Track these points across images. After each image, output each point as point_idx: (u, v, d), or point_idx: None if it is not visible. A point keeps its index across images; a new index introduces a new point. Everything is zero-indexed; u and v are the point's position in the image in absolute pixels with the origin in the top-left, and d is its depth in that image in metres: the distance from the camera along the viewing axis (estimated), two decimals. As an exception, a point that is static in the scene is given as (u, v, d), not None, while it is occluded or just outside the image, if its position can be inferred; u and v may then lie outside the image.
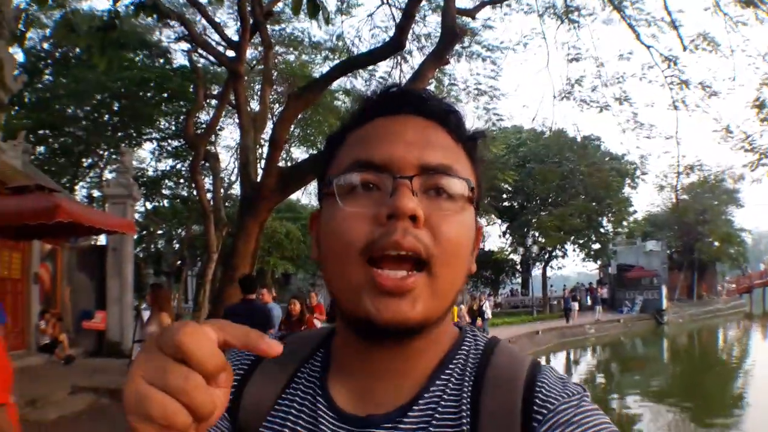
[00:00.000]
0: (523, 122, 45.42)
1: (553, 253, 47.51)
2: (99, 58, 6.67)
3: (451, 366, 0.86)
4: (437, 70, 13.68)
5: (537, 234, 44.49)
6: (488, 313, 25.24)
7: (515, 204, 47.30)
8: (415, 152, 0.81)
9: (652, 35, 15.82)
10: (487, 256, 47.15)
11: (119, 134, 28.06)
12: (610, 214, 46.38)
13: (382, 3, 16.37)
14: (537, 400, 0.78)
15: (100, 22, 7.07)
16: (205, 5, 16.98)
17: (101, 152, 29.52)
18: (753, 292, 63.45)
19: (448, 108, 0.89)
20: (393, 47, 11.45)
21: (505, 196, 46.28)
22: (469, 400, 0.81)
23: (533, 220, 44.60)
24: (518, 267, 52.12)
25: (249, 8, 12.91)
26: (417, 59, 16.83)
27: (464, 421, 0.79)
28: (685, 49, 15.38)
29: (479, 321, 22.65)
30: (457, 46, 16.44)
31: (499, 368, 0.84)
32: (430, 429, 0.80)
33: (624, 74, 20.17)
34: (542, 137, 42.95)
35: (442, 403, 0.82)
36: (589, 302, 41.24)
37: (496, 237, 58.87)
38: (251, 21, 13.00)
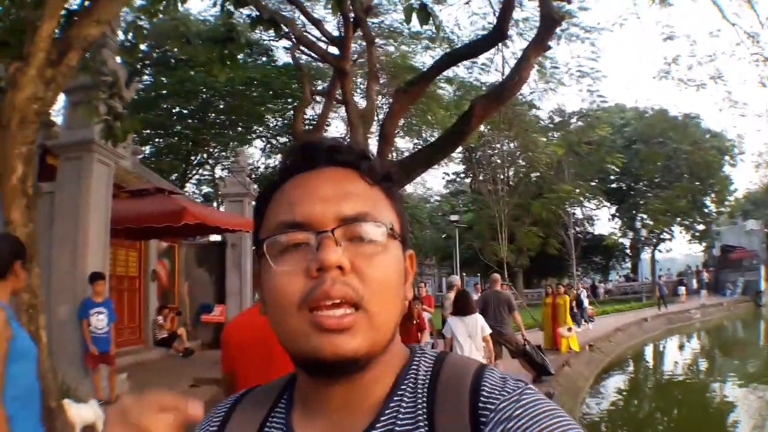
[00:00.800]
0: (626, 101, 44.85)
1: (661, 236, 46.39)
2: (219, 69, 6.89)
3: (402, 387, 0.89)
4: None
5: (645, 216, 43.60)
6: (585, 302, 24.68)
7: (623, 185, 46.52)
8: (331, 206, 0.85)
9: (734, 13, 15.45)
10: (597, 241, 46.40)
11: (229, 132, 28.71)
12: (712, 194, 45.43)
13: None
14: (480, 404, 0.82)
15: (216, 34, 7.27)
16: (303, 2, 17.17)
17: (211, 150, 30.35)
18: None
19: (359, 154, 0.92)
20: (495, 37, 11.30)
21: (612, 177, 45.62)
22: (425, 416, 0.84)
23: (641, 202, 43.74)
24: (627, 251, 51.19)
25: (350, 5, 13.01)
26: (517, 44, 16.62)
27: None
28: (763, 26, 14.83)
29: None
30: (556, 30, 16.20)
31: (446, 381, 0.87)
32: None
33: (715, 53, 19.65)
34: (645, 116, 42.05)
35: (399, 422, 0.85)
36: (695, 285, 40.29)
37: (605, 221, 58.13)
38: (352, 17, 13.10)
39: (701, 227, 46.97)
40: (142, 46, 27.33)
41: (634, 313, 29.08)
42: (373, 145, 14.67)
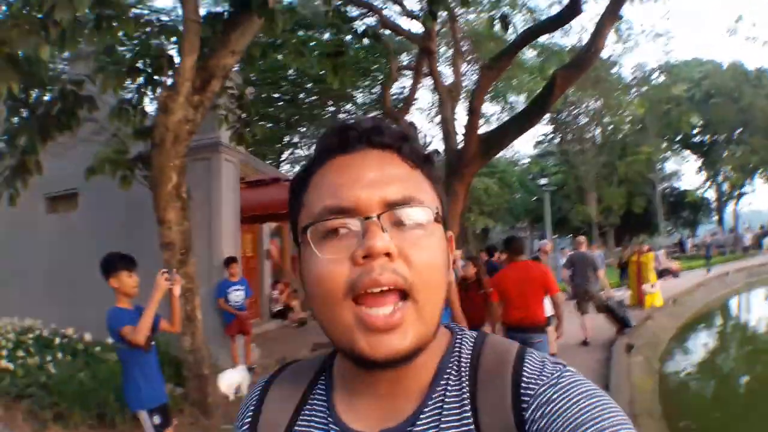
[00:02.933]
0: (703, 54, 43.99)
1: (742, 190, 45.37)
2: (333, 77, 7.87)
3: (447, 372, 0.90)
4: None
5: (728, 169, 42.79)
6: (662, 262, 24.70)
7: (705, 139, 45.88)
8: (377, 191, 0.84)
9: None
10: (684, 196, 45.74)
11: (320, 112, 29.50)
12: None
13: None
14: (521, 390, 0.84)
15: (328, 48, 8.22)
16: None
17: (303, 131, 31.31)
18: None
19: (399, 136, 0.91)
20: (570, 14, 11.81)
21: (695, 132, 45.15)
22: (468, 399, 0.86)
23: (724, 155, 42.89)
24: (712, 206, 50.20)
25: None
26: (593, 7, 16.87)
27: (467, 421, 0.85)
28: None
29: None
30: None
31: (488, 364, 0.89)
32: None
33: None
34: (721, 69, 41.20)
35: (445, 406, 0.86)
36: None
37: (691, 175, 56.92)
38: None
39: None
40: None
41: (719, 268, 28.73)
42: (462, 118, 15.28)
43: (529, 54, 25.71)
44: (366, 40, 8.93)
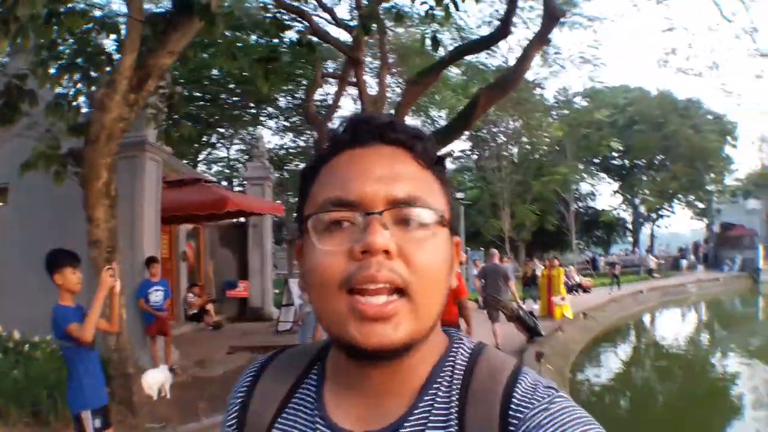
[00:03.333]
0: (631, 81, 45.78)
1: (660, 213, 47.50)
2: (263, 83, 7.94)
3: (438, 380, 0.88)
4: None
5: (647, 192, 44.66)
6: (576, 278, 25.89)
7: (626, 162, 47.59)
8: (383, 187, 0.83)
9: (732, 12, 16.33)
10: (598, 215, 47.42)
11: (240, 114, 29.16)
12: (711, 174, 46.38)
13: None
14: (511, 412, 0.82)
15: (261, 53, 8.29)
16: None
17: (223, 131, 31.00)
18: None
19: (414, 134, 0.90)
20: (499, 35, 12.37)
21: (615, 155, 46.65)
22: (456, 414, 0.84)
23: (644, 179, 44.73)
24: (629, 226, 52.12)
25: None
26: (521, 31, 17.44)
27: (452, 431, 0.83)
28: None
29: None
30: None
31: (480, 381, 0.87)
32: None
33: (713, 46, 20.60)
34: (648, 98, 43.06)
35: (431, 417, 0.85)
36: (693, 260, 41.70)
37: (607, 195, 59.02)
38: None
39: (702, 205, 47.94)
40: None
41: (632, 286, 29.76)
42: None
43: (453, 71, 26.23)
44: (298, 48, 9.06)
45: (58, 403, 6.47)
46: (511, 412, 0.82)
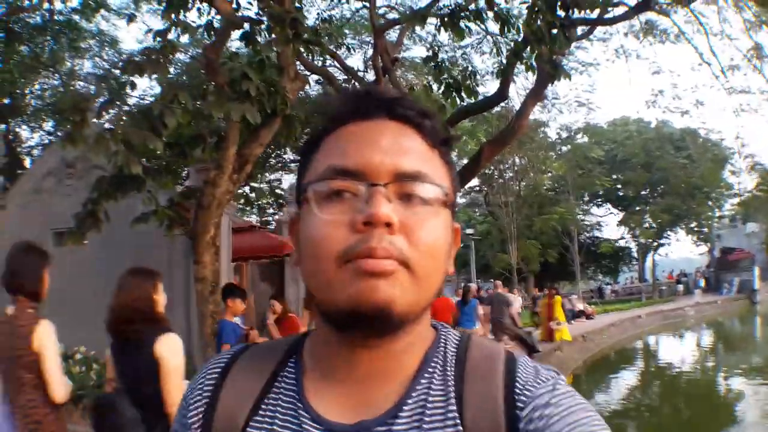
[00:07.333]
0: (630, 113, 47.13)
1: (660, 241, 48.81)
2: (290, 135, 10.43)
3: (432, 364, 0.86)
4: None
5: (650, 221, 46.02)
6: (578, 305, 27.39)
7: (629, 193, 48.73)
8: (389, 159, 0.81)
9: (711, 53, 18.57)
10: (603, 245, 48.98)
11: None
12: (710, 202, 47.09)
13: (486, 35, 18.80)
14: (516, 389, 0.82)
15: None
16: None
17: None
18: None
19: (422, 112, 0.88)
20: (498, 98, 14.09)
21: (619, 186, 48.28)
22: (453, 395, 0.83)
23: (647, 209, 46.30)
24: (635, 255, 53.46)
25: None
26: (521, 80, 19.15)
27: (453, 415, 0.81)
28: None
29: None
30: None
31: (475, 361, 0.86)
32: (424, 426, 0.81)
33: (696, 85, 22.53)
34: (647, 128, 45.03)
35: (430, 399, 0.83)
36: (692, 285, 43.21)
37: (613, 226, 60.19)
38: (381, 67, 14.19)
39: (706, 230, 48.80)
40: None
41: (633, 312, 30.98)
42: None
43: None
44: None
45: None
46: (517, 390, 0.82)
